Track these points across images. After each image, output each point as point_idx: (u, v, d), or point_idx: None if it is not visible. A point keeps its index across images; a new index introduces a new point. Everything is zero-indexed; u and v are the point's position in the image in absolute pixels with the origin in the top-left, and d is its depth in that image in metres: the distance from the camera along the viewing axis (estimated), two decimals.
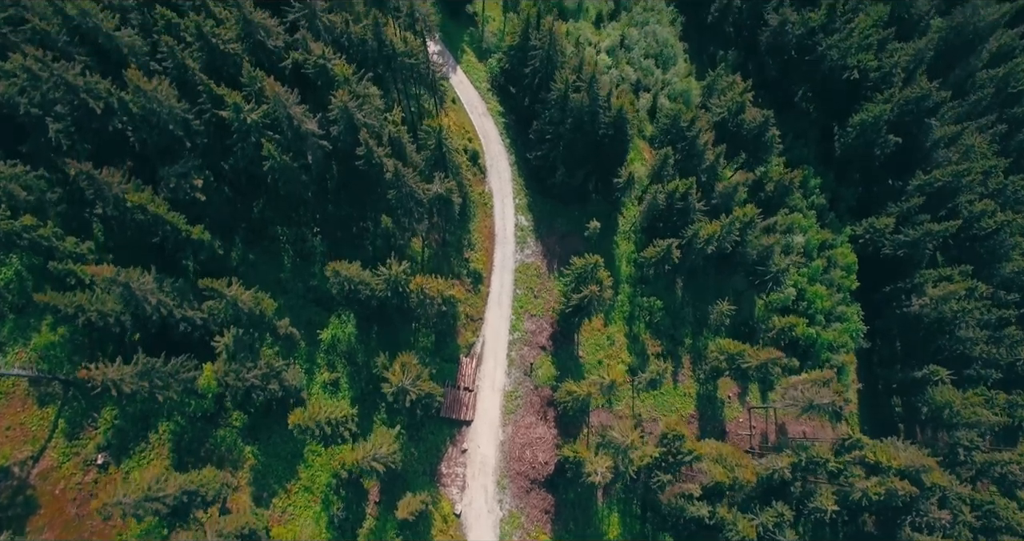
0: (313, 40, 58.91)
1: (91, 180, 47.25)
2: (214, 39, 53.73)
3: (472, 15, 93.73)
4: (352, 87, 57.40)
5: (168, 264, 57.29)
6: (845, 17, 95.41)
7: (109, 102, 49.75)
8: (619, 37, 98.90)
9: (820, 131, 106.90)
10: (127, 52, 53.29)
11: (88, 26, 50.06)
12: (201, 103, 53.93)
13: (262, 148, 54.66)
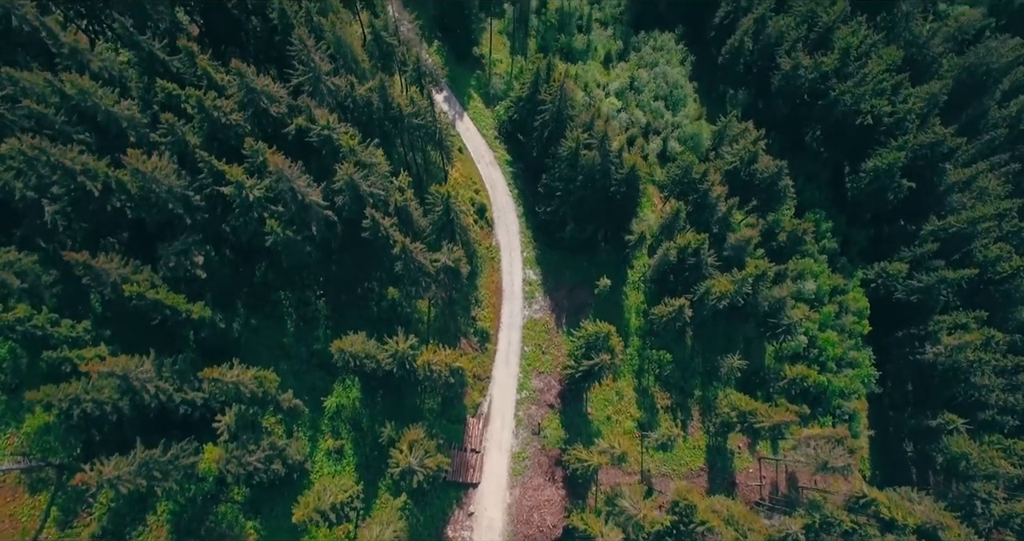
0: (317, 106, 57.11)
1: (88, 269, 45.41)
2: (215, 112, 51.92)
3: (479, 57, 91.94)
4: (358, 157, 55.60)
5: (169, 338, 55.46)
6: (859, 62, 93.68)
7: (107, 183, 47.92)
8: (628, 79, 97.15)
9: (831, 172, 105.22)
10: (126, 125, 51.50)
11: (86, 105, 48.26)
12: (202, 178, 52.10)
13: (265, 223, 52.87)
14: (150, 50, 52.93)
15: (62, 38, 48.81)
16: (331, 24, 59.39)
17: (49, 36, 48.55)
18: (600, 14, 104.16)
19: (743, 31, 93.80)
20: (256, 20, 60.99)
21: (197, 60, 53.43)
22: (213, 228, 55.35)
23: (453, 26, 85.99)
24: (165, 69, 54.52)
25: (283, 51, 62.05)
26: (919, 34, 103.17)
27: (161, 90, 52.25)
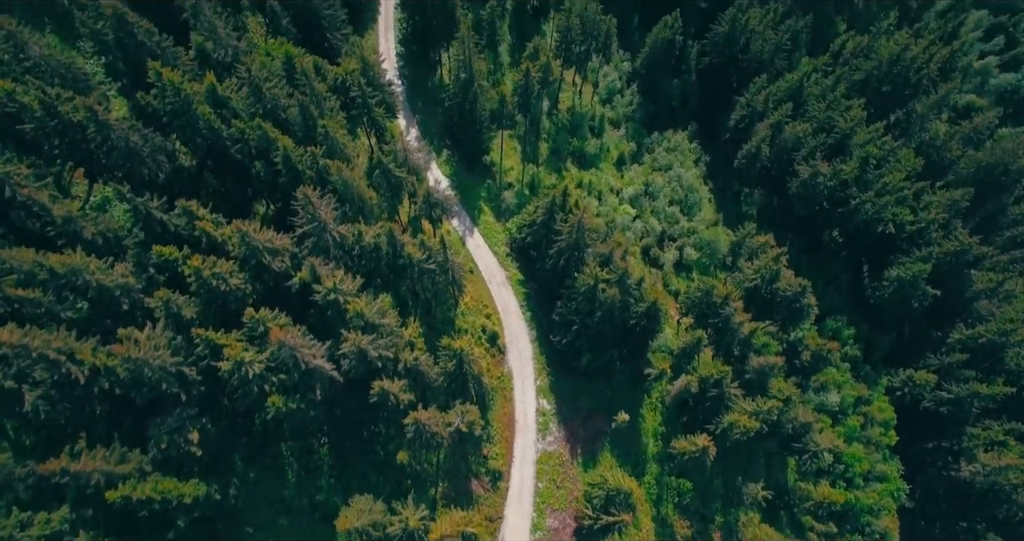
0: (323, 263, 53.91)
1: (67, 474, 41.38)
2: (214, 280, 48.63)
3: (489, 165, 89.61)
4: (365, 319, 52.13)
5: (158, 519, 50.92)
6: (878, 171, 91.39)
7: (94, 367, 44.27)
8: (643, 185, 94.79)
9: (851, 274, 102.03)
10: (119, 293, 48.18)
11: (77, 283, 45.01)
12: (198, 352, 48.47)
13: (266, 397, 49.11)
14: (147, 210, 49.96)
15: (55, 212, 45.83)
16: (337, 169, 56.71)
17: (42, 210, 45.62)
18: (612, 113, 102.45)
19: (759, 139, 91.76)
20: (260, 164, 58.33)
21: (196, 222, 50.39)
22: (210, 400, 51.48)
23: (462, 134, 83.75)
24: (163, 228, 51.47)
25: (288, 192, 59.35)
26: (936, 136, 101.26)
27: (158, 256, 49.07)
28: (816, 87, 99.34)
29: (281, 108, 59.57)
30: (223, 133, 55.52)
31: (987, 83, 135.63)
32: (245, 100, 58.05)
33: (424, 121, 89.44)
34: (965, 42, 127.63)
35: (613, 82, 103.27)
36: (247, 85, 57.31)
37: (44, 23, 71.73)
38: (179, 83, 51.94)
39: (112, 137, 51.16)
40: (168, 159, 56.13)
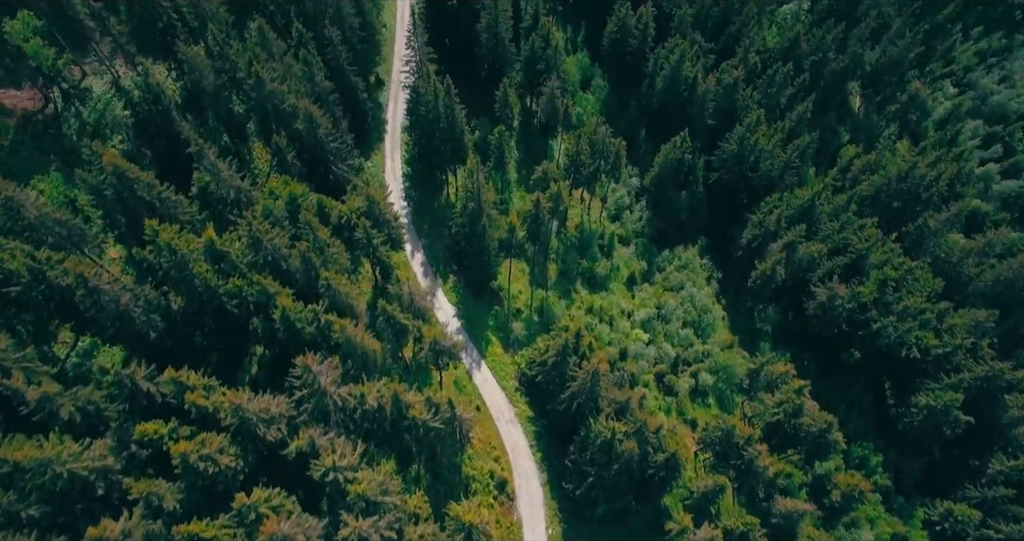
0: (322, 434, 49.65)
1: None
2: (202, 463, 44.22)
3: (496, 290, 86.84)
4: (366, 499, 47.32)
5: None
6: (897, 294, 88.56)
7: None
8: (655, 307, 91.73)
9: (873, 395, 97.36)
10: (94, 478, 43.62)
11: (46, 476, 40.64)
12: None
13: None
14: (133, 382, 46.22)
15: (28, 395, 42.07)
16: (340, 327, 53.42)
17: (15, 395, 41.86)
18: (621, 230, 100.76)
19: (774, 261, 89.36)
20: (258, 320, 55.14)
21: (186, 393, 46.55)
22: None
23: (470, 262, 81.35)
24: (149, 400, 47.58)
25: (287, 345, 55.95)
26: (951, 251, 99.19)
27: (140, 435, 44.91)
28: (828, 206, 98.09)
29: (282, 257, 57.03)
30: (220, 290, 52.59)
31: (991, 189, 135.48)
32: (245, 252, 55.53)
33: (430, 245, 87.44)
34: (965, 150, 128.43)
35: (621, 198, 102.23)
36: (247, 236, 54.93)
37: (50, 160, 70.89)
38: (175, 243, 49.43)
39: (102, 300, 48.14)
40: (161, 317, 52.94)
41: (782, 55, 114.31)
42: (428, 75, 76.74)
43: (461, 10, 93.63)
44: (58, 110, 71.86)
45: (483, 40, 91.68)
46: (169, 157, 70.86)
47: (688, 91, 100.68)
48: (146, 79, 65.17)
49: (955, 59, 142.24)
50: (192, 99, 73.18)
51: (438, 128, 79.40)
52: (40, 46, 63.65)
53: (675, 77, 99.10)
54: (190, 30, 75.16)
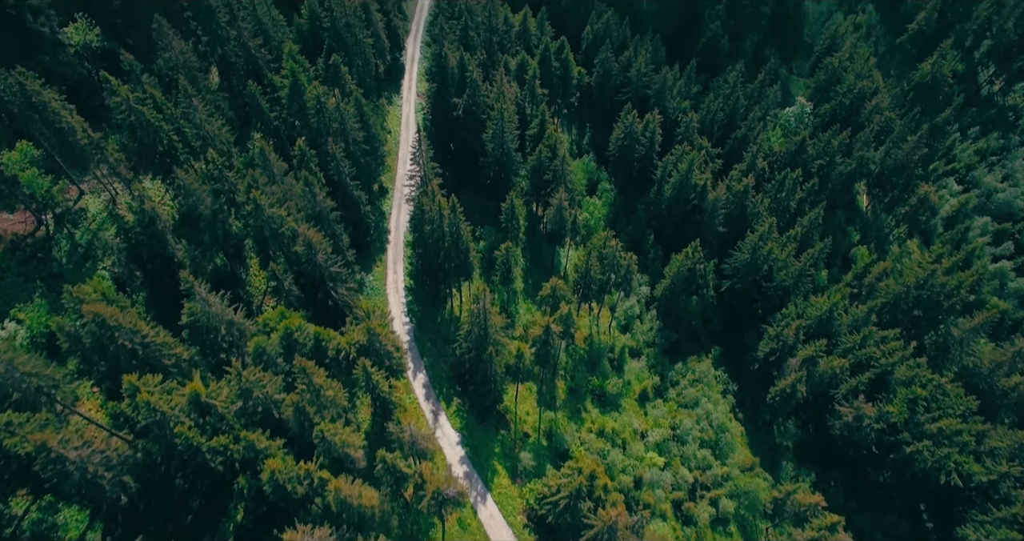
0: None
1: None
2: None
3: (503, 412, 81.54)
4: None
5: None
6: (929, 414, 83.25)
7: None
8: (670, 428, 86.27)
9: (911, 523, 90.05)
10: None
11: None
12: None
13: None
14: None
15: None
16: (336, 488, 48.10)
17: None
18: (632, 341, 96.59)
19: (795, 379, 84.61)
20: (244, 479, 49.86)
21: None
22: None
23: (475, 387, 76.55)
24: None
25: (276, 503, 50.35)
26: (980, 363, 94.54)
27: None
28: (846, 316, 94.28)
29: (274, 405, 52.41)
30: (203, 447, 47.64)
31: (1006, 286, 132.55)
32: (234, 400, 50.97)
33: (433, 364, 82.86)
34: (976, 248, 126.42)
35: (631, 307, 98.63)
36: (237, 385, 50.51)
37: (36, 286, 67.51)
38: (155, 402, 44.93)
39: (67, 469, 43.11)
40: (135, 477, 47.72)
41: (789, 159, 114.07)
42: (433, 194, 74.60)
43: (467, 119, 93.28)
44: (50, 233, 69.12)
45: (489, 149, 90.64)
46: (162, 280, 67.84)
47: (698, 199, 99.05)
48: (141, 205, 62.67)
49: (956, 157, 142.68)
50: (188, 218, 70.61)
51: (442, 247, 76.58)
52: (36, 176, 61.68)
53: (684, 185, 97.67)
54: (191, 149, 73.68)
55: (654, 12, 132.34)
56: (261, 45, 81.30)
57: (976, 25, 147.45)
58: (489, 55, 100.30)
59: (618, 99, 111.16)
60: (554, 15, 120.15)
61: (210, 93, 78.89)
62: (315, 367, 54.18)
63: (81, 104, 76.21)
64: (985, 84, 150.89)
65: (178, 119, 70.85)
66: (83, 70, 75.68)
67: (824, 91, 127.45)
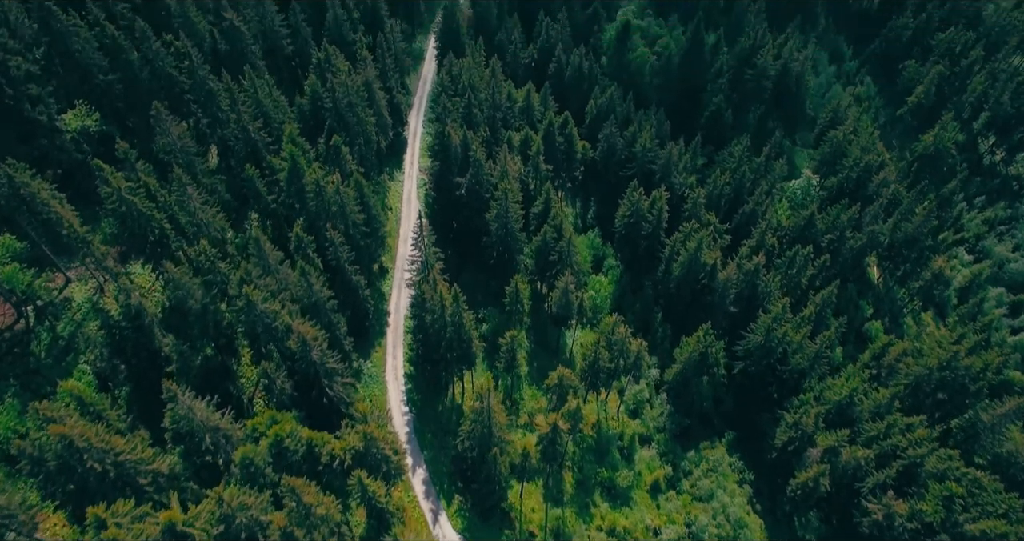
0: None
1: None
2: None
3: (507, 510, 76.05)
4: None
5: None
6: (968, 515, 77.69)
7: None
8: (684, 525, 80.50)
9: None
10: None
11: None
12: None
13: None
14: None
15: None
16: None
17: None
18: (642, 427, 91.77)
19: (817, 472, 79.50)
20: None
21: None
22: None
23: (478, 486, 71.40)
24: None
25: None
26: (1016, 454, 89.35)
27: None
28: (867, 401, 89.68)
29: (260, 527, 47.60)
30: None
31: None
32: (214, 526, 46.20)
33: (433, 458, 77.93)
34: (993, 319, 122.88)
35: (641, 391, 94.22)
36: (218, 510, 45.86)
37: (9, 385, 63.38)
38: (123, 538, 40.29)
39: None
40: None
41: (798, 233, 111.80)
42: (435, 282, 71.49)
43: (470, 199, 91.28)
44: (30, 326, 65.57)
45: (493, 230, 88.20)
46: (147, 374, 63.96)
47: (708, 278, 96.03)
48: (127, 299, 59.45)
49: (964, 227, 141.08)
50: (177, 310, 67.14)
51: (444, 337, 72.95)
52: (16, 270, 58.69)
53: (693, 264, 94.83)
54: (185, 236, 71.08)
55: (657, 85, 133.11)
56: (261, 127, 79.85)
57: (973, 97, 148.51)
58: (492, 131, 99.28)
59: (623, 174, 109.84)
60: (557, 89, 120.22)
61: (207, 176, 76.86)
62: (305, 483, 49.64)
63: (76, 187, 74.43)
64: (986, 154, 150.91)
65: (172, 206, 68.51)
66: (79, 155, 73.80)
67: (830, 164, 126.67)
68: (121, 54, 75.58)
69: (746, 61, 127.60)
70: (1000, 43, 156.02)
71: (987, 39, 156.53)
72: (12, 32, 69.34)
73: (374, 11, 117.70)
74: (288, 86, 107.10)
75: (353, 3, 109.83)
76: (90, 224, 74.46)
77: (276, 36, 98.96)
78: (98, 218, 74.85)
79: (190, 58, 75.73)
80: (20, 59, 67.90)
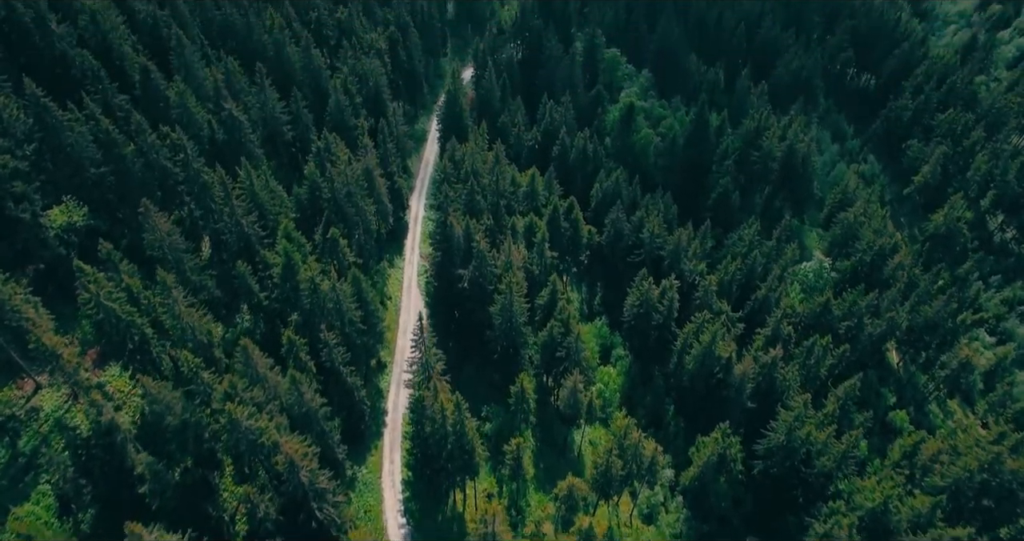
0: None
1: None
2: None
3: None
4: None
5: None
6: None
7: None
8: None
9: None
10: None
11: None
12: None
13: None
14: None
15: None
16: None
17: None
18: (657, 535, 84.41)
19: None
20: None
21: None
22: None
23: None
24: None
25: None
26: None
27: None
28: (905, 508, 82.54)
29: None
30: None
31: None
32: None
33: None
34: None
35: (655, 495, 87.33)
36: None
37: None
38: None
39: None
40: None
41: (814, 320, 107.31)
42: (435, 390, 66.32)
43: (472, 291, 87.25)
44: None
45: (497, 324, 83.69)
46: (115, 493, 57.98)
47: (723, 373, 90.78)
48: (98, 415, 54.27)
49: (982, 306, 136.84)
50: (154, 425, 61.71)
51: (444, 446, 67.20)
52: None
53: (707, 358, 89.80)
54: (169, 338, 66.57)
55: (661, 166, 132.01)
56: (255, 221, 76.69)
57: (979, 176, 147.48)
58: (495, 218, 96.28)
59: (631, 261, 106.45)
60: (561, 172, 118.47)
61: (196, 273, 72.97)
62: None
63: (58, 283, 70.54)
64: (997, 232, 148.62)
65: (155, 308, 64.24)
66: (63, 251, 70.20)
67: (841, 246, 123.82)
68: (115, 148, 73.11)
69: (751, 143, 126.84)
70: (999, 123, 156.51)
71: (986, 120, 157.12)
72: (3, 129, 66.96)
73: (376, 94, 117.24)
74: (288, 170, 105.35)
75: (356, 89, 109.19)
76: (71, 323, 70.55)
77: (277, 122, 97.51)
78: (78, 317, 70.44)
79: (185, 151, 73.19)
80: (8, 157, 65.21)
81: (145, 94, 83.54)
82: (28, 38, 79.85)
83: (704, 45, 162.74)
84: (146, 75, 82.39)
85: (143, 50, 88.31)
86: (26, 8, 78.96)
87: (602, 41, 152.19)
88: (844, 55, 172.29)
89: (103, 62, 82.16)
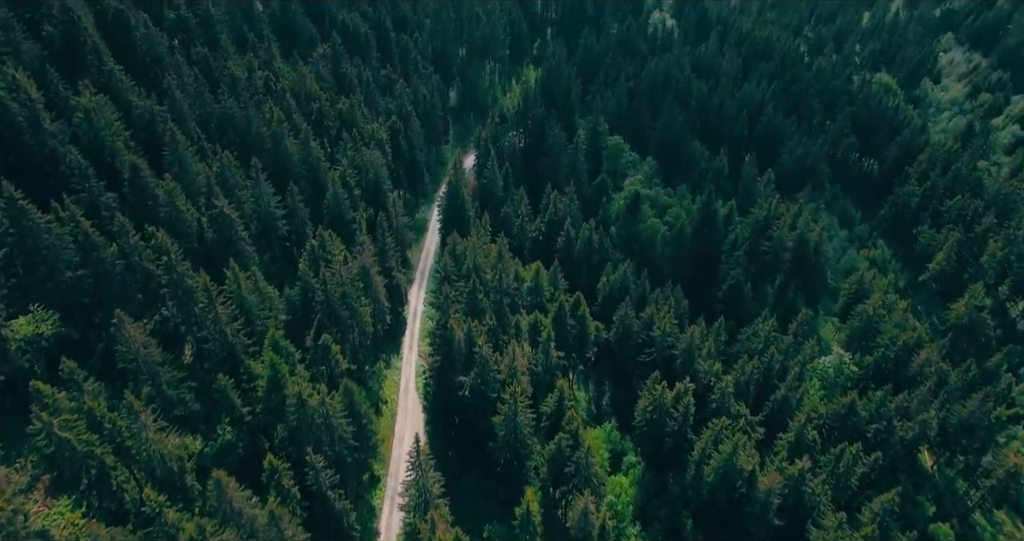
0: None
1: None
2: None
3: None
4: None
5: None
6: None
7: None
8: None
9: None
10: None
11: None
12: None
13: None
14: None
15: None
16: None
17: None
18: None
19: None
20: None
21: None
22: None
23: None
24: None
25: None
26: None
27: None
28: None
29: None
30: None
31: None
32: None
33: None
34: None
35: None
36: None
37: None
38: None
39: None
40: None
41: (838, 422, 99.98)
42: (433, 525, 58.91)
43: (474, 398, 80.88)
44: None
45: (500, 435, 76.84)
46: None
47: (746, 486, 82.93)
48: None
49: (1015, 401, 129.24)
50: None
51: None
52: None
53: (728, 470, 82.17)
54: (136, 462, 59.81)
55: (669, 255, 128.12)
56: (241, 329, 71.36)
57: (995, 263, 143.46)
58: (499, 318, 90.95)
59: (642, 360, 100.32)
60: (566, 263, 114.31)
61: (173, 387, 66.95)
62: None
63: (17, 397, 64.37)
64: (1019, 319, 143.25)
65: (121, 432, 57.84)
66: (25, 365, 64.49)
67: (860, 340, 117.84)
68: (94, 251, 68.87)
69: (761, 232, 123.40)
70: (1008, 210, 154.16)
71: (996, 206, 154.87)
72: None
73: (376, 184, 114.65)
74: (282, 264, 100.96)
75: (355, 181, 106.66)
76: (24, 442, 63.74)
77: (271, 217, 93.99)
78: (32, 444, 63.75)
79: (169, 255, 68.83)
80: None
81: (133, 192, 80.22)
82: (18, 137, 77.36)
83: (707, 132, 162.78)
84: (135, 173, 79.31)
85: (136, 146, 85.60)
86: (20, 108, 76.85)
87: (605, 129, 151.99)
88: (847, 141, 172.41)
89: (93, 159, 79.16)
